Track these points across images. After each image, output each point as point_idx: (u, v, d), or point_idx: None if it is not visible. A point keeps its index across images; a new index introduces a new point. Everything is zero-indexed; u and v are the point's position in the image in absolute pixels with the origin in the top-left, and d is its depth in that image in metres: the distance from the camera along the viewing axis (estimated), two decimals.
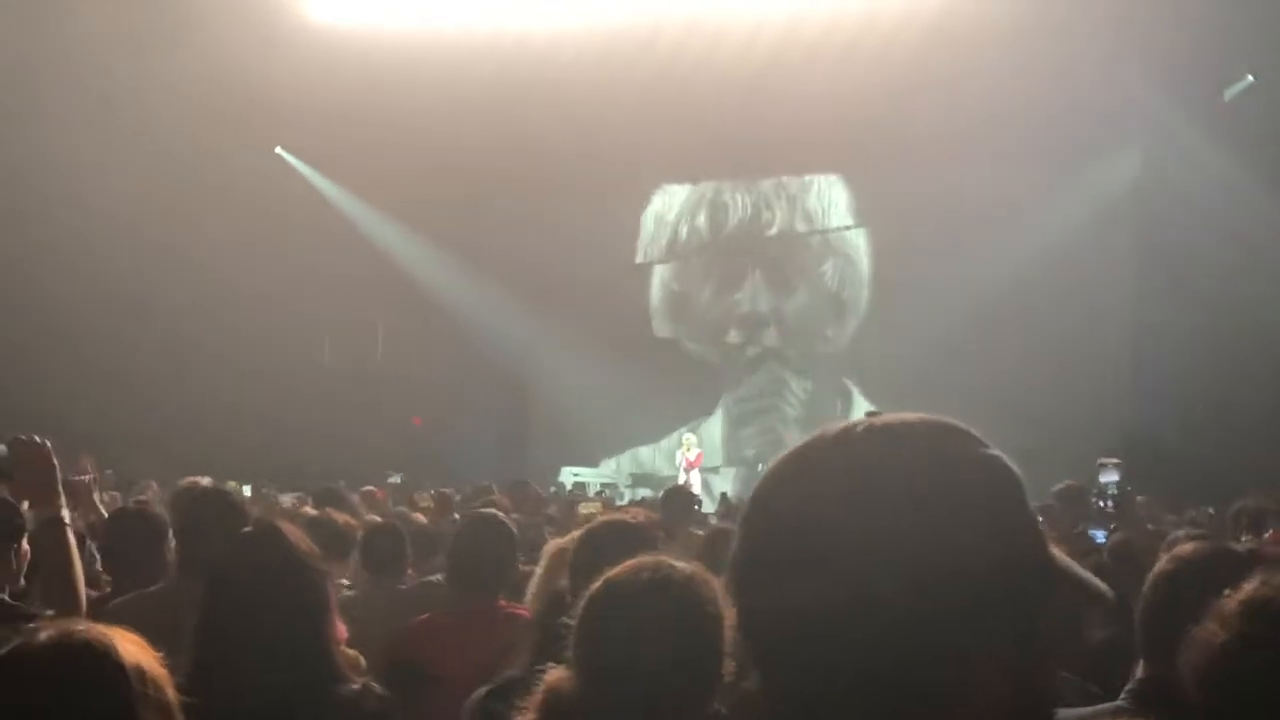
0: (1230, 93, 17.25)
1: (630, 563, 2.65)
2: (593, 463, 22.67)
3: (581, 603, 2.60)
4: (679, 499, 8.59)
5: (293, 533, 3.41)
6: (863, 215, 23.12)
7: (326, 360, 22.97)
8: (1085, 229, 20.39)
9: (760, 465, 19.48)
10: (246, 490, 12.62)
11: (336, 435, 19.73)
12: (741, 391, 23.51)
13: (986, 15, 16.91)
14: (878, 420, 1.26)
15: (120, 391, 19.28)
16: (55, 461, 4.07)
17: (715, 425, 23.25)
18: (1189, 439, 16.58)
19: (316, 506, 8.26)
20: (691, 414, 22.98)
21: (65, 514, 4.04)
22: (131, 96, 18.79)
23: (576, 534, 3.92)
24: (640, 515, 3.99)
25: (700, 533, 6.98)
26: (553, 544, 4.81)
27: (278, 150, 22.39)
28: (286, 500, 10.77)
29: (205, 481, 11.56)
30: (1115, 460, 13.17)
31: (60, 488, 4.05)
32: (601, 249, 23.29)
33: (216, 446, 17.22)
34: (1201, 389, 17.32)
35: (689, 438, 20.82)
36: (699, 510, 10.10)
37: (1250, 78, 16.99)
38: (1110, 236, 20.57)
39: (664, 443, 22.98)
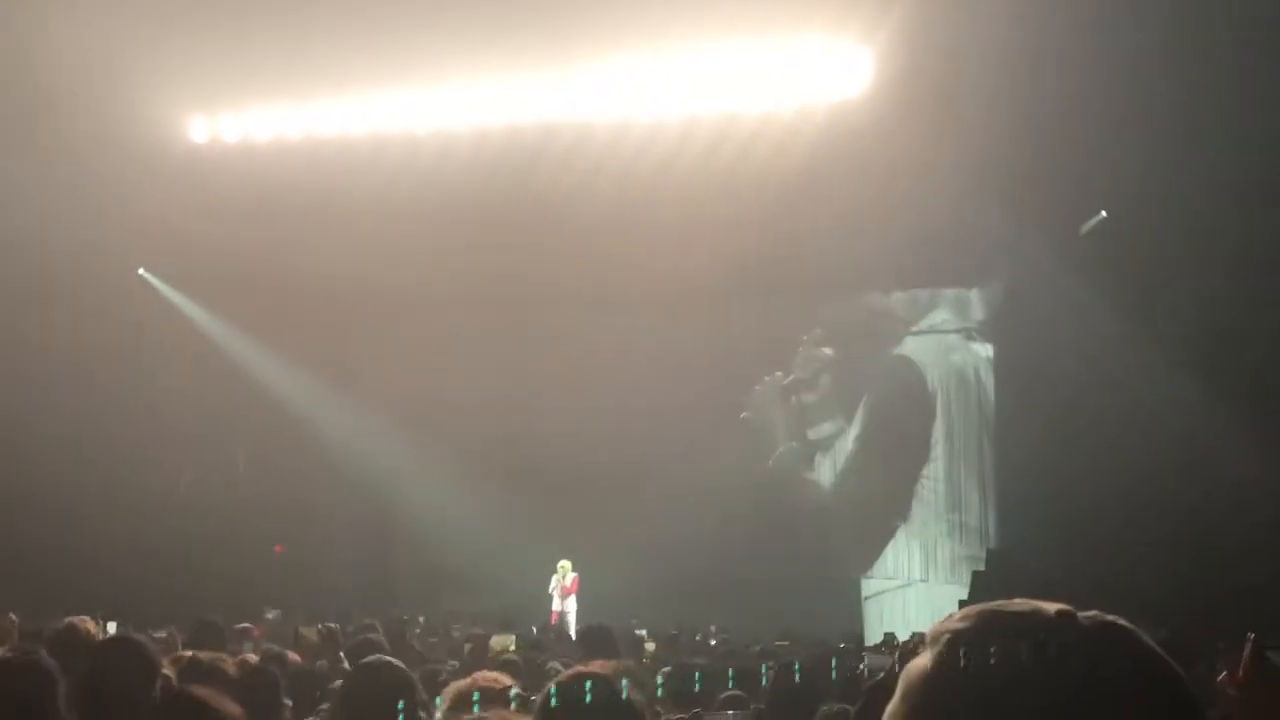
0: (1085, 228, 18.04)
1: None
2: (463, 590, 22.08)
3: None
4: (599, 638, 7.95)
5: (213, 699, 3.27)
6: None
7: (187, 486, 22.16)
8: (949, 353, 21.27)
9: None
10: (112, 628, 11.99)
11: (199, 564, 19.00)
12: None
13: (853, 153, 17.23)
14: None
15: None
16: None
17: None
18: (1046, 555, 16.97)
19: (190, 643, 7.80)
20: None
21: None
22: None
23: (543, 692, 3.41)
24: (607, 666, 3.71)
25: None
26: (453, 687, 4.29)
27: (141, 272, 21.86)
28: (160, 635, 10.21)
29: (81, 620, 11.01)
30: None
31: None
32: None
33: (77, 578, 16.47)
34: (1059, 506, 17.79)
35: (564, 564, 20.53)
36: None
37: (1103, 213, 17.80)
38: (971, 360, 21.28)
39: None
